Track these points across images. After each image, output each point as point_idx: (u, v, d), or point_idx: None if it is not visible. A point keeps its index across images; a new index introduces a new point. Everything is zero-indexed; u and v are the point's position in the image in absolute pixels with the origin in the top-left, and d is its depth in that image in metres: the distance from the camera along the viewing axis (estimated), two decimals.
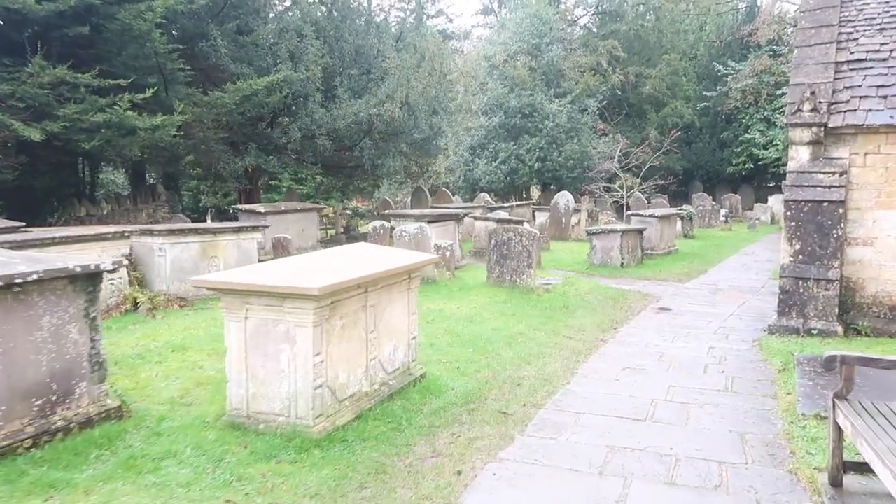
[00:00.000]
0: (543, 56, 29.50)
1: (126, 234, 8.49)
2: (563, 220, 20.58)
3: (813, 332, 8.33)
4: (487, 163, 28.62)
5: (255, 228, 10.33)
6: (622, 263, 14.97)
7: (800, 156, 8.76)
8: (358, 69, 17.54)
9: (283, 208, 15.18)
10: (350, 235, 23.06)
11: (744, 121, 32.82)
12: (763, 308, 10.68)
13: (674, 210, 19.51)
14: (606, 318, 9.71)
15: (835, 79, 8.81)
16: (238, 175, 16.22)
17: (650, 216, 16.89)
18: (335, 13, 17.97)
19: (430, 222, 13.17)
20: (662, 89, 32.87)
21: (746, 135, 32.31)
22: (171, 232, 9.11)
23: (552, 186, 29.11)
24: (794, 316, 8.54)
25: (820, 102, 8.54)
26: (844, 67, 8.94)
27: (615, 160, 24.55)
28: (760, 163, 31.82)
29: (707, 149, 34.24)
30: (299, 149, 16.53)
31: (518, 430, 5.02)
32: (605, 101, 31.26)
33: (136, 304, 8.49)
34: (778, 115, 29.52)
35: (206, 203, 25.21)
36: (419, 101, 16.63)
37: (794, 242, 8.56)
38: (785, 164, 28.39)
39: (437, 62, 19.44)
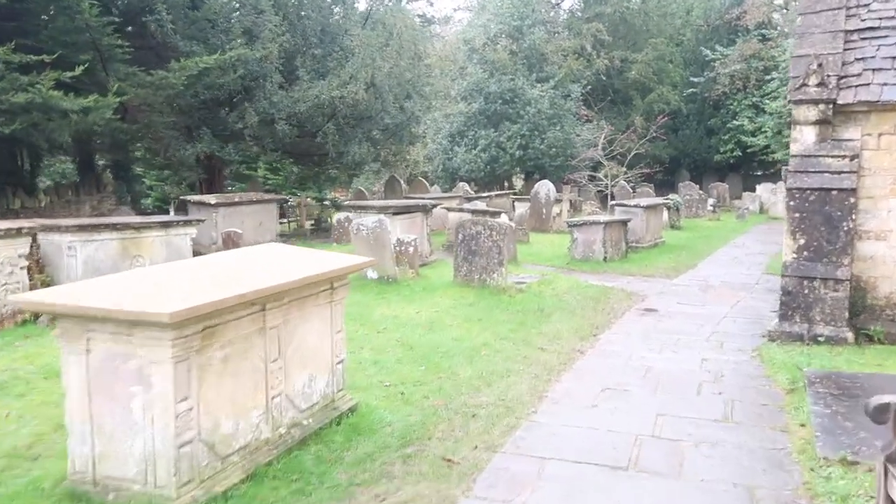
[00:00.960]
0: (525, 39, 28.27)
1: (25, 230, 7.25)
2: (544, 210, 19.46)
3: (819, 338, 7.27)
4: (467, 151, 27.41)
5: (187, 223, 9.09)
6: (605, 257, 13.88)
7: (804, 137, 7.66)
8: (323, 49, 16.24)
9: (236, 199, 13.92)
10: (321, 228, 21.81)
11: (732, 107, 31.81)
12: (759, 308, 9.63)
13: (660, 200, 18.46)
14: (586, 322, 8.60)
15: (844, 49, 7.71)
16: (190, 164, 14.90)
17: (635, 206, 15.81)
18: None
19: (394, 214, 11.98)
20: (648, 75, 31.77)
21: (734, 121, 31.30)
22: (83, 228, 7.87)
23: (536, 175, 27.99)
24: (798, 320, 7.48)
25: (828, 76, 7.44)
26: (855, 37, 7.84)
27: (599, 148, 23.44)
28: (749, 150, 30.85)
29: (694, 136, 33.23)
30: (257, 135, 15.24)
31: (463, 488, 3.87)
32: (590, 87, 30.11)
33: (37, 314, 7.25)
34: (767, 102, 28.53)
35: (172, 194, 23.86)
36: (386, 83, 15.39)
37: (797, 236, 7.48)
38: (774, 152, 27.41)
39: (407, 41, 18.18)
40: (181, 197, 14.58)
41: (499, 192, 23.13)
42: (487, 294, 9.44)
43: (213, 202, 13.26)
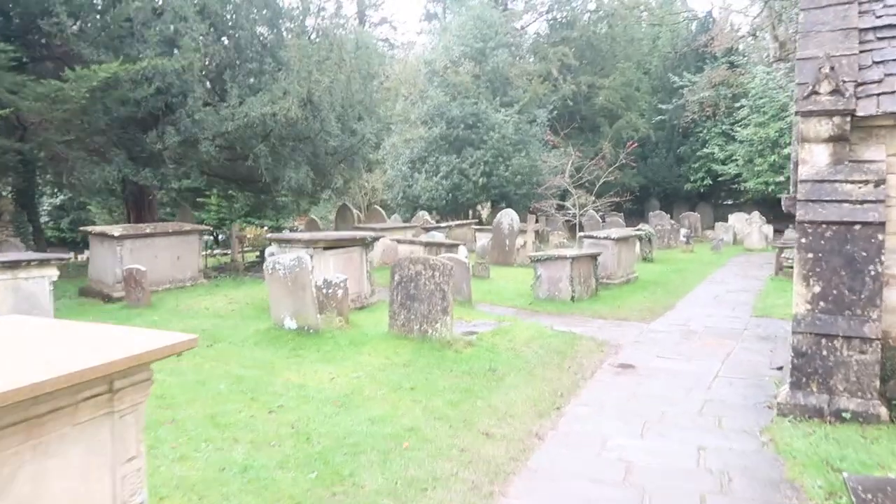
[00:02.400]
0: (488, 61, 27.01)
1: None
2: (507, 242, 17.85)
3: (844, 414, 5.64)
4: (427, 178, 25.82)
5: (43, 263, 7.14)
6: (573, 297, 12.24)
7: (815, 158, 6.13)
8: (258, 64, 14.51)
9: (147, 231, 11.95)
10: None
11: (701, 135, 31.00)
12: (755, 363, 8.02)
13: (632, 231, 17.00)
14: (548, 386, 6.86)
15: (860, 51, 6.26)
16: (96, 189, 12.95)
17: (606, 238, 14.27)
18: None
19: (325, 249, 10.18)
20: (616, 101, 30.80)
21: (705, 149, 30.47)
22: None
23: (502, 204, 26.51)
24: (815, 390, 5.84)
25: (844, 82, 5.94)
26: (871, 36, 6.39)
27: (566, 175, 22.05)
28: (720, 179, 29.94)
29: (664, 164, 32.25)
30: (177, 157, 13.35)
31: None
32: (556, 112, 28.94)
33: None
34: (738, 129, 27.71)
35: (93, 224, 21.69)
36: (326, 99, 13.69)
37: (811, 282, 5.89)
38: (745, 181, 26.37)
39: (358, 59, 16.59)
40: (81, 228, 12.55)
41: (459, 222, 21.53)
42: (428, 349, 7.64)
43: (116, 234, 11.28)
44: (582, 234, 15.72)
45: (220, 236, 24.22)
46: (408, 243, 14.11)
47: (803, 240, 5.92)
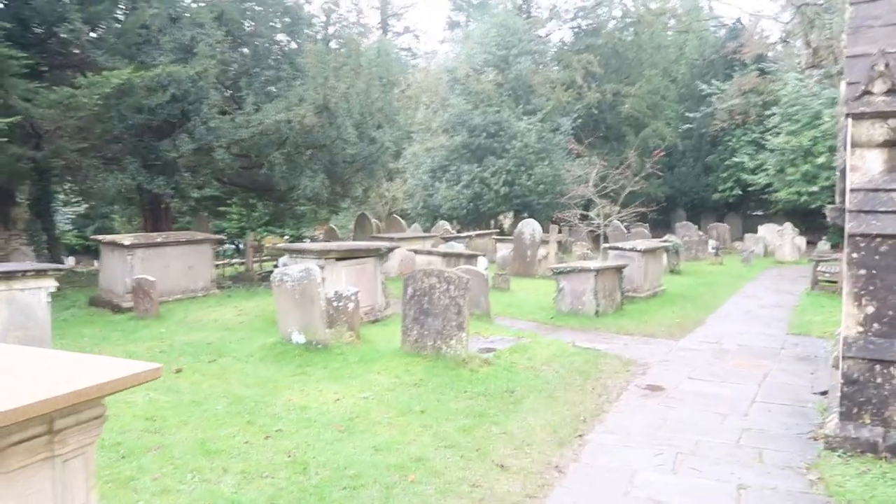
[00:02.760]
0: (511, 69, 26.59)
1: None
2: (529, 253, 17.33)
3: None
4: (448, 187, 25.42)
5: (40, 273, 6.85)
6: (597, 311, 11.69)
7: (867, 165, 5.57)
8: (275, 71, 14.28)
9: (159, 240, 11.70)
10: None
11: (730, 144, 30.13)
12: (795, 387, 7.42)
13: (659, 242, 16.37)
14: (569, 411, 6.35)
15: None
16: (110, 197, 12.77)
17: (632, 250, 13.69)
18: (252, 2, 14.74)
19: (337, 260, 9.80)
20: (642, 109, 30.12)
21: (734, 158, 29.58)
22: None
23: (524, 214, 26.00)
24: (868, 421, 5.26)
25: None
26: None
27: (590, 184, 21.46)
28: (749, 189, 29.02)
29: (691, 174, 31.42)
30: (192, 164, 13.13)
31: None
32: (580, 121, 28.38)
33: None
34: (769, 137, 26.84)
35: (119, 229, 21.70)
36: (343, 106, 13.37)
37: (864, 302, 5.32)
38: (776, 191, 25.50)
39: (378, 66, 16.30)
40: (92, 237, 12.36)
41: (480, 232, 21.07)
42: (442, 368, 7.19)
43: (126, 243, 11.04)
44: (606, 245, 15.15)
45: (240, 245, 24.10)
46: (425, 254, 13.69)
47: (854, 255, 5.36)
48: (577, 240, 23.93)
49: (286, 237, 27.05)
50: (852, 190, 5.52)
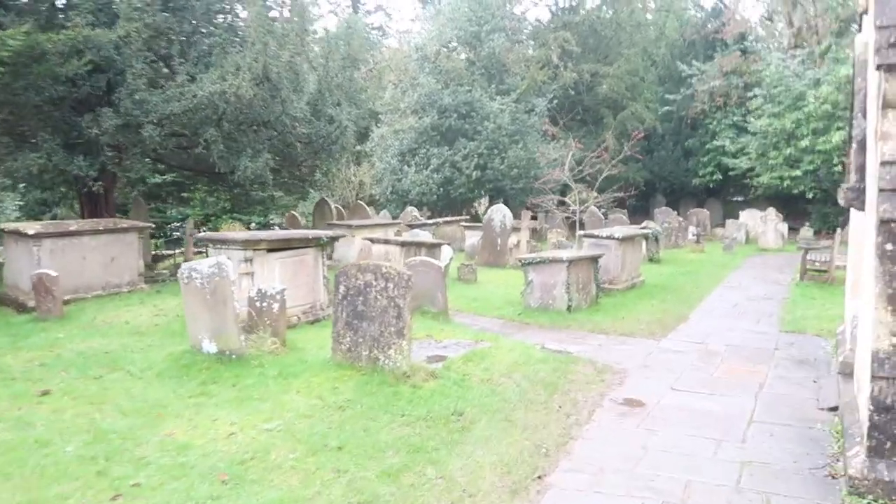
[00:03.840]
0: (483, 46, 25.18)
1: None
2: (499, 241, 16.09)
3: None
4: (417, 171, 24.02)
5: None
6: (569, 306, 10.50)
7: None
8: (212, 39, 12.76)
9: (72, 228, 10.21)
10: None
11: (711, 127, 29.10)
12: (798, 400, 6.30)
13: (637, 229, 15.22)
14: (529, 441, 5.13)
15: None
16: (29, 179, 11.24)
17: (608, 238, 12.51)
18: None
19: (270, 251, 8.45)
20: (621, 90, 28.94)
21: (714, 142, 28.56)
22: None
23: (499, 200, 24.71)
24: None
25: None
26: None
27: (566, 168, 20.25)
28: (730, 173, 28.06)
29: (670, 158, 30.37)
30: (117, 143, 11.62)
31: None
32: (556, 102, 27.09)
33: None
34: (751, 120, 25.85)
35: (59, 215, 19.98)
36: (285, 78, 11.91)
37: None
38: (758, 175, 24.52)
39: (337, 37, 14.83)
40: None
41: (448, 219, 19.77)
42: (377, 384, 5.91)
43: (31, 232, 9.54)
44: (582, 232, 13.97)
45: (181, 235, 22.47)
46: (382, 243, 12.37)
47: (889, 245, 4.16)
48: (552, 227, 22.77)
49: (252, 225, 25.49)
50: (885, 163, 4.32)
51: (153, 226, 15.01)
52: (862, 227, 5.98)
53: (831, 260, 13.39)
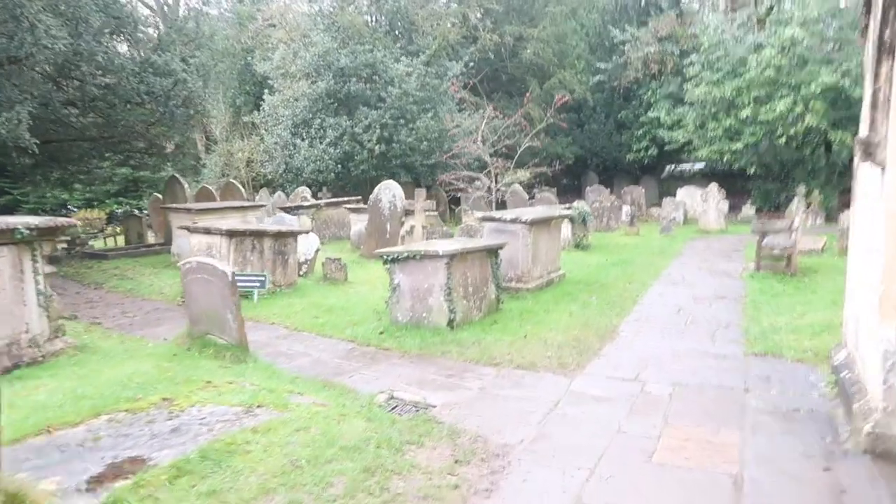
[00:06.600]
0: (388, 1, 21.64)
1: None
2: (388, 227, 12.77)
3: None
4: (311, 145, 20.39)
5: None
6: (451, 320, 7.31)
7: None
8: None
9: None
10: (84, 253, 14.40)
11: (645, 97, 26.57)
12: None
13: (557, 210, 12.18)
14: None
15: None
16: None
17: (514, 221, 9.35)
18: None
19: None
20: (547, 56, 25.97)
21: (649, 114, 26.05)
22: None
23: (408, 179, 21.34)
24: None
25: None
26: None
27: (479, 138, 17.07)
28: (666, 148, 25.61)
29: (602, 131, 27.74)
30: None
31: None
32: (475, 68, 23.87)
33: None
34: (688, 88, 23.30)
35: None
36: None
37: None
38: (697, 149, 21.49)
39: None
40: None
41: (330, 201, 16.28)
42: None
43: None
44: (480, 215, 10.79)
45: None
46: (202, 233, 8.83)
47: None
48: (471, 209, 19.60)
49: (145, 211, 21.22)
50: None
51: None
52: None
53: (793, 245, 10.69)
